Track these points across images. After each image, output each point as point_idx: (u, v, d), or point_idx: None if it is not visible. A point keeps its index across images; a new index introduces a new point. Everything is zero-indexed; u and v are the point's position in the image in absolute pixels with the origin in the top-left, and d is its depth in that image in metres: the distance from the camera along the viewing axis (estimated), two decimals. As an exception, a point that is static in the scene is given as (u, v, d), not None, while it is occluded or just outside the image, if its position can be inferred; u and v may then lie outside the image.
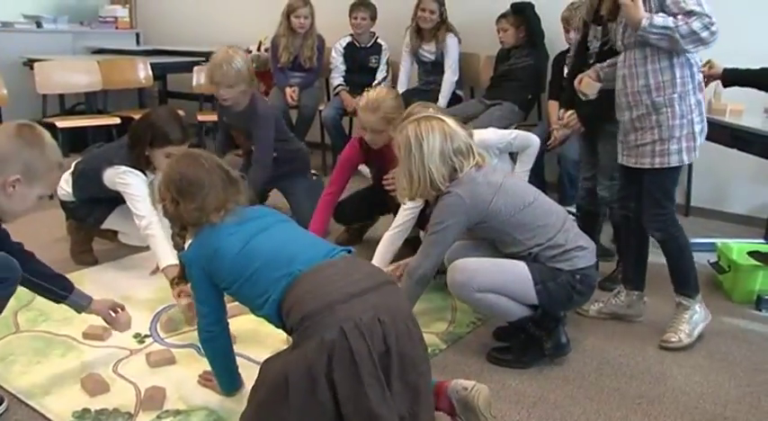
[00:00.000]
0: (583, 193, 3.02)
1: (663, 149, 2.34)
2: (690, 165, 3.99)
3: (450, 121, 2.22)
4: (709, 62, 2.67)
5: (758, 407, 2.11)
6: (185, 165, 1.89)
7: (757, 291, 2.86)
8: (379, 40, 4.83)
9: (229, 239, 1.81)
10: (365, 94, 2.94)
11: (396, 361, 1.60)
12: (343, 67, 4.82)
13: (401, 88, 4.62)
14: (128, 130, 2.82)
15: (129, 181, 2.70)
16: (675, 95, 2.30)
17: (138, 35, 6.48)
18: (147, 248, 3.04)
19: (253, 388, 1.72)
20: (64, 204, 3.02)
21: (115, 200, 2.87)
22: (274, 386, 1.61)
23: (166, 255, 2.58)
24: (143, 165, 2.77)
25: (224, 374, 2.03)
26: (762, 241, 3.16)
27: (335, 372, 1.55)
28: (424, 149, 2.14)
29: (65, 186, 2.95)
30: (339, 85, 4.78)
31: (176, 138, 2.70)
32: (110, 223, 2.95)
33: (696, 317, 2.47)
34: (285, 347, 1.78)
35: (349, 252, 1.84)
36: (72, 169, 2.92)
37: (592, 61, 2.82)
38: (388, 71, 4.84)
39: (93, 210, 2.91)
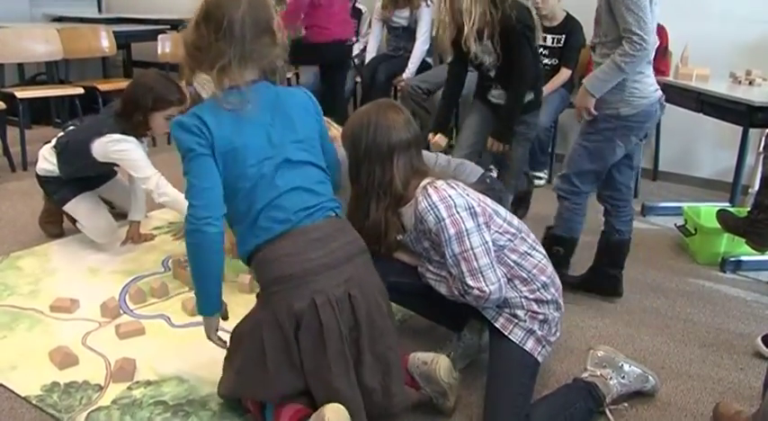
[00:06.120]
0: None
1: None
2: (658, 130, 4.03)
3: None
4: None
5: (720, 364, 2.17)
6: None
7: (722, 253, 2.92)
8: (357, 5, 4.80)
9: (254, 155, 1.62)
10: None
11: (366, 333, 1.61)
12: None
13: (370, 55, 4.59)
14: (121, 99, 2.72)
15: (124, 147, 2.66)
16: None
17: (99, 2, 6.29)
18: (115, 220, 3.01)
19: (226, 356, 1.71)
20: (38, 177, 2.94)
21: (87, 184, 2.87)
22: (251, 350, 1.61)
23: None
24: (140, 131, 2.74)
25: (204, 286, 1.69)
26: (727, 204, 3.21)
27: (302, 341, 1.56)
28: None
29: (48, 158, 2.84)
30: None
31: (176, 98, 2.70)
32: (70, 208, 2.88)
33: None
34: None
35: (336, 214, 1.73)
36: (54, 143, 2.83)
37: (494, 75, 2.81)
38: (366, 35, 4.80)
39: (60, 189, 2.85)
